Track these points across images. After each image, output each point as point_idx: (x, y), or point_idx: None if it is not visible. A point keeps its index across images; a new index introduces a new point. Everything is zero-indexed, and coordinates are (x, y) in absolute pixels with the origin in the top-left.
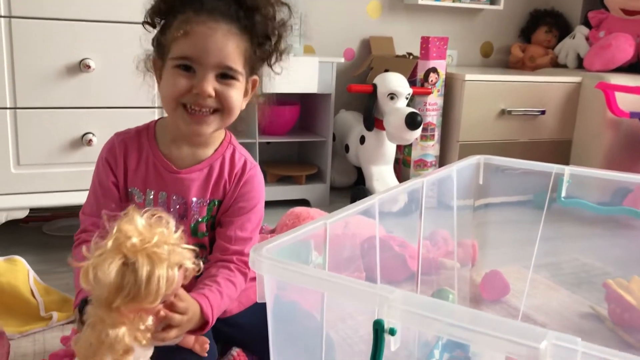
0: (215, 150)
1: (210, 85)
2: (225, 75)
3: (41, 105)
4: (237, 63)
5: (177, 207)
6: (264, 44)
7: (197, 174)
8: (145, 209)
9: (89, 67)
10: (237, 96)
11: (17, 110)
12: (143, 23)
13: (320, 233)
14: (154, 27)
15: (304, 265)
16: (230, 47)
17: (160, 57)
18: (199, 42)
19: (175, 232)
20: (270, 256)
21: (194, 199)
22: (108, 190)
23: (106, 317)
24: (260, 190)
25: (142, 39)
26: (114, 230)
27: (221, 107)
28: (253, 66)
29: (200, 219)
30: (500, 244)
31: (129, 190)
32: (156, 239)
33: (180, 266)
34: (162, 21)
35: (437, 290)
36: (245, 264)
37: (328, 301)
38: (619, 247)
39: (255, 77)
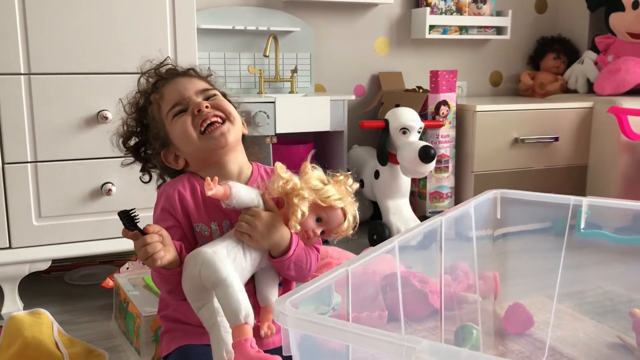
0: (252, 172)
1: (202, 102)
2: (208, 97)
3: (61, 158)
4: (210, 87)
5: None
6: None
7: None
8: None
9: (106, 118)
10: (227, 103)
11: (38, 163)
12: (125, 151)
13: (343, 279)
14: (132, 149)
15: (328, 318)
16: (196, 81)
17: (164, 146)
18: (174, 89)
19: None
20: (294, 310)
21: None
22: (171, 234)
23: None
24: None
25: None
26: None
27: (223, 115)
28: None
29: None
30: (522, 274)
31: (194, 227)
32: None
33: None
34: (139, 134)
35: (461, 326)
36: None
37: (354, 350)
38: None
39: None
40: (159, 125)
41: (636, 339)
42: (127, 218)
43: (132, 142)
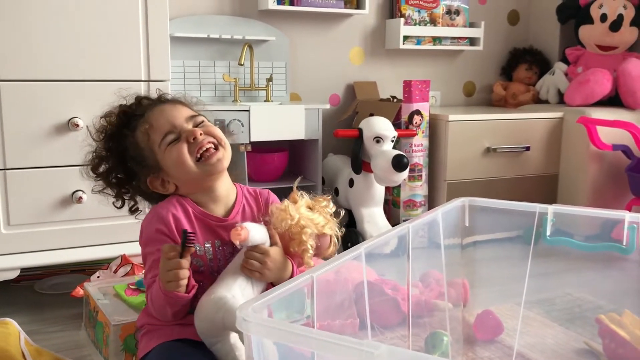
0: (237, 194)
1: (195, 129)
2: (197, 123)
3: (31, 165)
4: (195, 114)
5: (232, 249)
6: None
7: (237, 217)
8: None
9: (77, 125)
10: (218, 130)
11: (7, 171)
12: (94, 178)
13: (309, 285)
14: (102, 175)
15: (292, 324)
16: (181, 107)
17: (152, 172)
18: (162, 117)
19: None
20: (256, 316)
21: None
22: None
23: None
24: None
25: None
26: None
27: (216, 141)
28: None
29: None
30: (491, 281)
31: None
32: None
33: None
34: (109, 161)
35: (431, 333)
36: None
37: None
38: (610, 280)
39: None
40: (147, 153)
41: (602, 345)
42: (185, 238)
43: (102, 168)
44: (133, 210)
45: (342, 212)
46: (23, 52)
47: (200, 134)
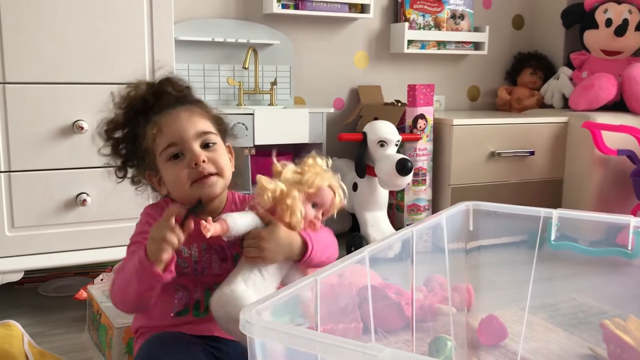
0: (226, 200)
1: (201, 154)
2: (207, 145)
3: (35, 168)
4: (209, 127)
5: (218, 253)
6: (218, 119)
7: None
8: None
9: (82, 128)
10: (224, 157)
11: (12, 173)
12: (104, 140)
13: (312, 289)
14: (114, 141)
15: (295, 327)
16: (197, 117)
17: (151, 168)
18: (173, 127)
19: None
20: (261, 319)
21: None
22: None
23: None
24: None
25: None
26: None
27: (216, 170)
28: (221, 134)
29: (236, 253)
30: (495, 286)
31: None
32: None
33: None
34: (124, 132)
35: (435, 338)
36: None
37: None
38: (614, 285)
39: (228, 144)
40: (150, 153)
41: (607, 350)
42: (194, 208)
43: (116, 134)
44: (135, 181)
45: (330, 161)
46: (29, 55)
47: (204, 161)
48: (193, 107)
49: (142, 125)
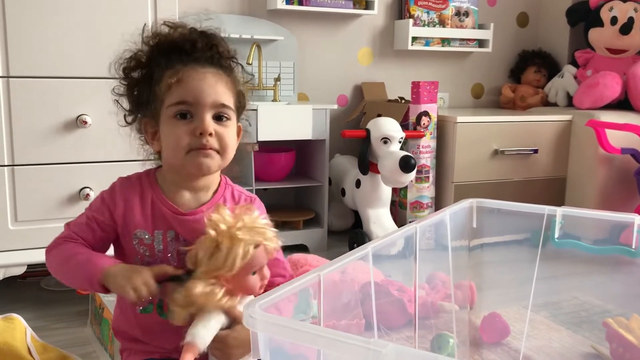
0: (215, 192)
1: (210, 125)
2: (220, 117)
3: (39, 162)
4: (229, 101)
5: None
6: (240, 95)
7: (202, 216)
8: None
9: (85, 122)
10: (232, 136)
11: (15, 167)
12: (120, 78)
13: (316, 284)
14: (130, 81)
15: (298, 322)
16: (221, 86)
17: (152, 117)
18: (193, 85)
19: (260, 217)
20: (263, 313)
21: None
22: (95, 225)
23: (205, 282)
24: (265, 216)
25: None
26: (208, 220)
27: (219, 148)
28: (237, 111)
29: None
30: (498, 284)
31: (135, 232)
32: (239, 224)
33: (257, 245)
34: (142, 72)
35: (437, 335)
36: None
37: (325, 354)
38: (617, 284)
39: (239, 124)
40: (157, 100)
41: (610, 349)
42: (179, 277)
43: (134, 74)
44: (140, 131)
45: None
46: (32, 49)
47: (210, 134)
48: (222, 74)
49: (162, 69)
